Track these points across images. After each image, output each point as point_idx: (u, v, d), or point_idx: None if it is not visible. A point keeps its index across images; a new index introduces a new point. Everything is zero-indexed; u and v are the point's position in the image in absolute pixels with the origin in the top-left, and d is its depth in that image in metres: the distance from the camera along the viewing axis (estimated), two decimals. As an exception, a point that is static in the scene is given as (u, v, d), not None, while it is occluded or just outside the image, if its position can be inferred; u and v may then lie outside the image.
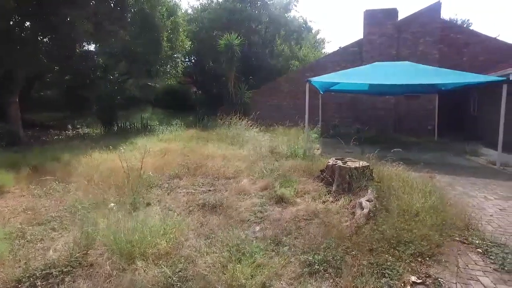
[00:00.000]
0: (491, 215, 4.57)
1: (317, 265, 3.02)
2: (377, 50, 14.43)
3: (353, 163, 5.54)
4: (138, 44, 11.88)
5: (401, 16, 14.53)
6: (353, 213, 4.39)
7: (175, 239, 3.43)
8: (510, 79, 9.60)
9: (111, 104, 13.72)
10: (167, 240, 3.37)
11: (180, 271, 2.89)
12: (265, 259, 3.12)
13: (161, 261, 3.01)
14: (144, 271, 2.82)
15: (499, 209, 4.81)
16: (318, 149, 10.70)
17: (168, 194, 5.45)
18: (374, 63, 11.06)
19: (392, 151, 6.96)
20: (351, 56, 14.90)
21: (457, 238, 3.76)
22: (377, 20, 14.51)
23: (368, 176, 5.37)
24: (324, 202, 4.87)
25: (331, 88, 13.22)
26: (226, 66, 16.18)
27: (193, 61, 24.55)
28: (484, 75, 10.04)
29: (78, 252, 3.05)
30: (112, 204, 4.12)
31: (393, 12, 14.49)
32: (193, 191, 5.60)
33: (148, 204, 4.92)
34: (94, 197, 4.75)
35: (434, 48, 14.15)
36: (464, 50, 14.68)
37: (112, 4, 10.67)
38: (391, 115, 14.51)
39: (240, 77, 17.20)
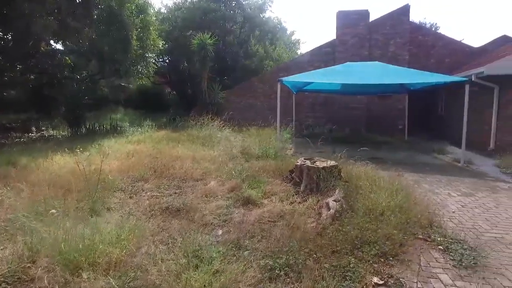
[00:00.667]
0: (453, 212, 4.64)
1: (278, 270, 2.90)
2: (349, 51, 14.62)
3: (321, 163, 5.50)
4: (106, 43, 11.41)
5: (372, 17, 14.83)
6: (320, 214, 4.33)
7: (130, 246, 3.22)
8: (472, 79, 9.94)
9: (78, 104, 13.14)
10: (122, 248, 3.15)
11: (130, 281, 2.69)
12: (224, 265, 2.97)
13: (111, 271, 2.80)
14: (90, 283, 2.60)
15: (461, 206, 4.90)
16: (290, 149, 10.68)
17: (131, 197, 5.20)
18: (346, 63, 11.18)
19: (358, 150, 6.99)
20: (325, 56, 15.03)
21: (420, 236, 3.77)
22: (350, 21, 14.71)
23: (336, 176, 5.34)
24: (291, 203, 4.79)
25: (304, 88, 13.28)
26: (200, 66, 15.91)
27: (167, 61, 24.06)
28: (450, 75, 10.33)
29: (18, 266, 2.79)
30: (54, 211, 3.83)
31: (364, 14, 14.74)
32: (158, 194, 5.37)
33: (109, 209, 4.67)
34: (47, 203, 4.44)
35: (404, 50, 14.51)
36: (431, 52, 15.16)
37: (76, 0, 10.19)
38: (363, 114, 14.75)
39: (214, 77, 16.98)
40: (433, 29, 27.95)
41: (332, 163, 5.51)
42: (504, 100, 9.80)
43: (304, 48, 40.33)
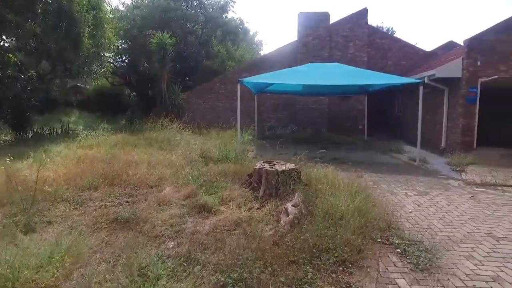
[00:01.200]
0: (410, 212, 4.68)
1: (231, 286, 2.68)
2: (311, 52, 14.76)
3: (280, 166, 5.36)
4: (54, 40, 10.54)
5: (332, 20, 15.10)
6: (279, 220, 4.17)
7: (65, 268, 2.84)
8: (425, 81, 10.37)
9: (23, 106, 12.07)
10: (53, 271, 2.77)
11: (59, 310, 2.34)
12: (172, 283, 2.70)
13: (37, 300, 2.43)
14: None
15: (417, 205, 4.98)
16: (252, 151, 10.51)
17: (76, 209, 4.73)
18: (307, 64, 11.26)
19: (319, 151, 6.95)
20: (286, 57, 15.05)
21: (379, 240, 3.72)
22: (311, 23, 14.87)
23: (296, 179, 5.22)
24: (249, 209, 4.58)
25: (266, 89, 13.20)
26: (159, 66, 15.31)
27: (126, 61, 23.04)
28: (405, 77, 10.69)
29: None
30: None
31: (325, 16, 14.98)
32: (107, 203, 4.94)
33: (49, 223, 4.20)
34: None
35: (362, 51, 14.90)
36: (388, 55, 15.72)
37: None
38: (325, 115, 14.97)
39: (175, 78, 16.42)
40: (390, 33, 29.24)
41: (291, 166, 5.39)
42: (453, 101, 10.31)
43: (267, 49, 40.67)
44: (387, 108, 16.51)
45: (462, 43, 10.66)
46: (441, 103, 10.81)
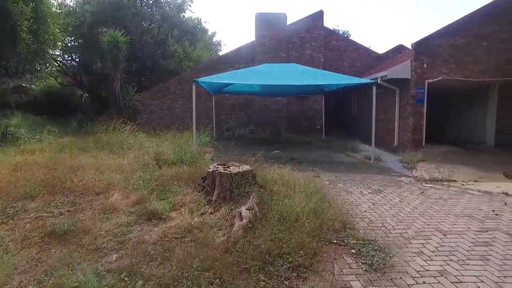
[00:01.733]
0: (365, 211, 4.72)
1: (176, 301, 2.46)
2: (268, 53, 14.79)
3: (235, 168, 5.18)
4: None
5: (290, 21, 15.26)
6: (232, 225, 4.00)
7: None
8: (378, 82, 10.76)
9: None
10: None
11: None
12: (110, 304, 2.41)
13: None
14: None
15: (372, 204, 5.05)
16: (209, 153, 10.26)
17: (5, 222, 4.21)
18: (264, 64, 11.20)
19: (275, 152, 6.89)
20: (244, 57, 14.94)
21: (335, 241, 3.67)
22: (268, 24, 14.89)
23: (251, 181, 5.07)
24: (202, 214, 4.36)
25: (224, 89, 13.00)
26: (111, 65, 14.51)
27: (77, 60, 21.65)
28: (360, 78, 11.00)
29: None
30: None
31: (282, 17, 15.08)
32: (45, 214, 4.46)
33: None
34: None
35: (319, 53, 15.20)
36: (344, 56, 16.22)
37: None
38: (283, 115, 15.07)
39: (129, 78, 15.67)
40: (345, 36, 30.29)
41: (246, 167, 5.23)
42: (403, 102, 10.80)
43: (226, 50, 40.29)
44: (345, 108, 17.02)
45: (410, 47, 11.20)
46: (393, 103, 11.28)
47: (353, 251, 3.46)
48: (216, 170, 5.07)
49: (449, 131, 13.05)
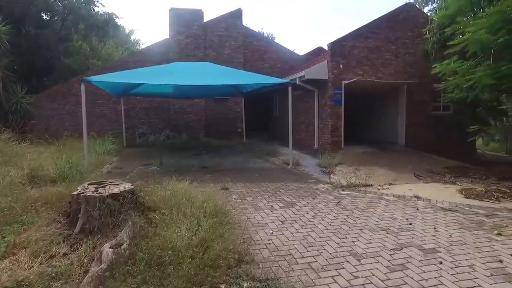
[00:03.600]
0: (271, 233, 3.92)
1: None
2: (184, 51, 13.62)
3: (114, 188, 4.00)
4: None
5: (206, 18, 14.28)
6: (87, 272, 2.85)
7: None
8: (297, 83, 10.38)
9: None
10: None
11: None
12: None
13: None
14: None
15: (281, 222, 4.28)
16: (111, 163, 8.78)
17: None
18: (174, 63, 10.10)
19: (183, 158, 5.82)
20: (158, 56, 13.51)
21: (222, 287, 2.75)
22: (183, 20, 13.73)
23: (133, 204, 3.95)
24: (51, 257, 3.12)
25: (133, 91, 11.48)
26: (-10, 61, 11.94)
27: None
28: (276, 78, 10.46)
29: None
30: None
31: (198, 14, 14.03)
32: None
33: None
34: None
35: (238, 53, 14.49)
36: (265, 57, 15.78)
37: None
38: (201, 119, 14.01)
39: (14, 77, 13.10)
40: (270, 38, 30.43)
41: (127, 187, 4.08)
42: (322, 103, 10.58)
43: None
44: (268, 110, 16.62)
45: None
46: (313, 105, 11.03)
47: (246, 301, 2.57)
48: (83, 193, 3.82)
49: (367, 132, 13.36)
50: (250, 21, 60.52)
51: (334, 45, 10.01)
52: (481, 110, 9.85)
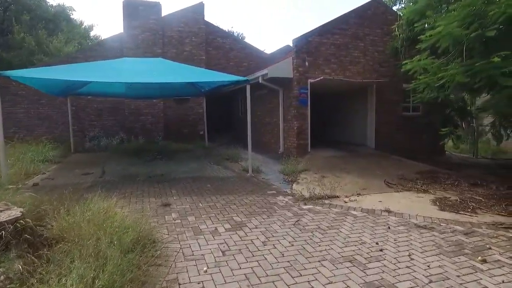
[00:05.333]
0: (205, 270, 3.00)
1: None
2: (140, 47, 12.45)
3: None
4: None
5: (165, 12, 13.18)
6: None
7: None
8: (260, 81, 9.57)
9: None
10: None
11: None
12: None
13: None
14: None
15: (222, 253, 3.38)
16: (43, 174, 7.57)
17: None
18: (122, 59, 8.95)
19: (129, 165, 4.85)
20: (111, 52, 12.25)
21: None
22: (139, 13, 12.55)
23: (25, 236, 2.92)
24: None
25: (80, 91, 10.23)
26: None
27: None
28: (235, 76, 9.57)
29: None
30: None
31: (156, 7, 12.89)
32: None
33: None
34: None
35: (200, 50, 13.50)
36: (230, 55, 14.91)
37: None
38: (160, 121, 12.88)
39: None
40: (240, 38, 29.53)
41: (13, 214, 3.05)
42: (287, 103, 9.82)
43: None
44: (233, 111, 15.72)
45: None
46: (278, 105, 10.25)
47: None
48: None
49: (336, 134, 12.76)
50: (219, 20, 59.44)
51: (299, 41, 9.27)
52: (450, 111, 9.45)
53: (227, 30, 30.36)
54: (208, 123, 13.15)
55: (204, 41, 13.61)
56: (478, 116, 10.11)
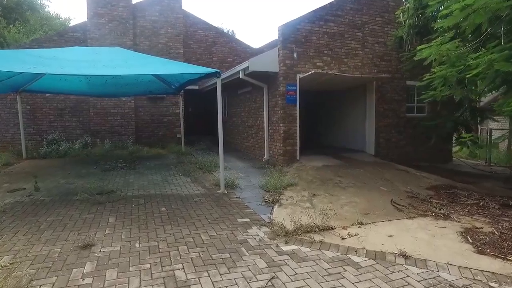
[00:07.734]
0: None
1: None
2: (107, 38, 10.89)
3: None
4: None
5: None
6: None
7: None
8: (240, 77, 8.11)
9: None
10: None
11: None
12: None
13: None
14: None
15: None
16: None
17: None
18: (72, 47, 7.35)
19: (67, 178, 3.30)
20: (72, 43, 10.67)
21: None
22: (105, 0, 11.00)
23: None
24: None
25: (30, 87, 8.69)
26: None
27: None
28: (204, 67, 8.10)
29: None
30: None
31: (126, -8, 11.35)
32: None
33: None
34: None
35: (177, 42, 11.97)
36: (213, 50, 13.48)
37: None
38: (131, 122, 11.31)
39: None
40: (231, 35, 27.99)
41: None
42: (272, 102, 8.37)
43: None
44: (215, 111, 14.23)
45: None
46: (262, 104, 8.80)
47: None
48: None
49: (329, 138, 11.34)
50: (209, 16, 57.89)
51: (286, 28, 7.81)
52: (463, 112, 8.08)
53: (217, 27, 28.88)
54: (188, 125, 11.69)
55: (182, 33, 12.10)
56: (493, 118, 8.75)
